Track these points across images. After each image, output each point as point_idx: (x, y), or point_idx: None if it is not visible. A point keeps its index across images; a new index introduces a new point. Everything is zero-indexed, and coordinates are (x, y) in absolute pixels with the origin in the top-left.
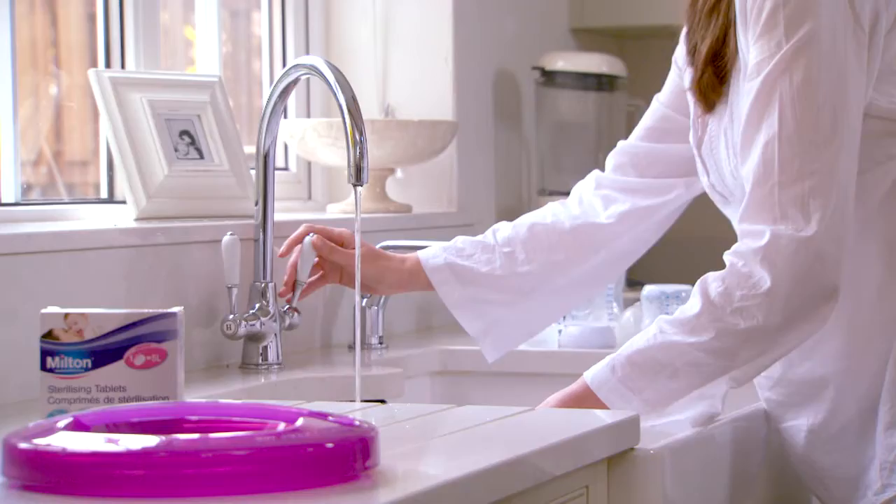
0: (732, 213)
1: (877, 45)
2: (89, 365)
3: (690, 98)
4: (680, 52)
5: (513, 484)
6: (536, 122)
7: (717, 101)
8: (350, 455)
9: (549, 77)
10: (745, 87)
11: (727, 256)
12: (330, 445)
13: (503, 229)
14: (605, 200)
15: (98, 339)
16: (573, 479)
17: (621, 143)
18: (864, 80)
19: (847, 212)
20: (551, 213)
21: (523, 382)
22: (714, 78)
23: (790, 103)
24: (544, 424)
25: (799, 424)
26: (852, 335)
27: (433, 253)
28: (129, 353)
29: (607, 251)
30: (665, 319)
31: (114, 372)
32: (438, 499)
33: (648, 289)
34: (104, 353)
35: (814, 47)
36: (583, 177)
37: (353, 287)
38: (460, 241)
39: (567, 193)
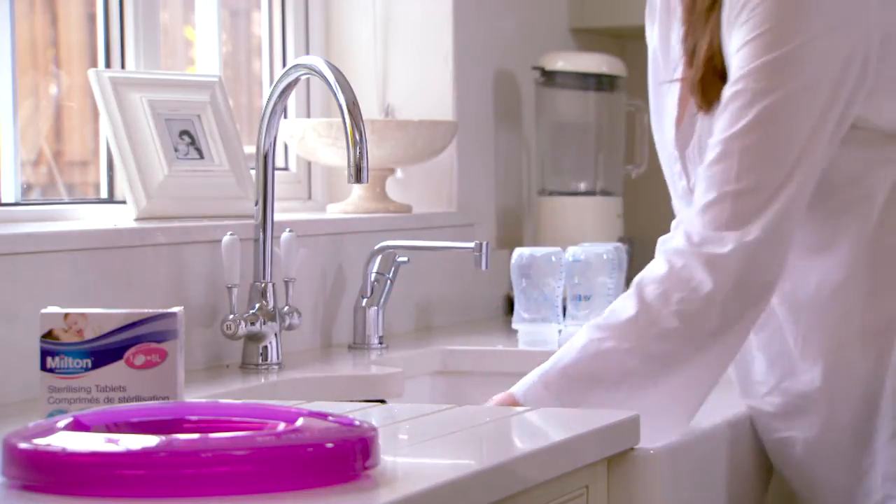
0: None
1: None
2: (89, 365)
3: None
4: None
5: (512, 484)
6: (536, 122)
7: (716, 100)
8: (350, 455)
9: (549, 77)
10: (726, 90)
11: (663, 255)
12: (330, 445)
13: None
14: None
15: (98, 339)
16: (573, 479)
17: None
18: (840, 106)
19: (795, 215)
20: None
21: None
22: (714, 77)
23: (766, 114)
24: (544, 424)
25: (794, 436)
26: (843, 345)
27: None
28: (129, 353)
29: None
30: (596, 325)
31: (114, 372)
32: (438, 499)
33: None
34: (104, 353)
35: (798, 64)
36: (583, 177)
37: None
38: None
39: (567, 193)
